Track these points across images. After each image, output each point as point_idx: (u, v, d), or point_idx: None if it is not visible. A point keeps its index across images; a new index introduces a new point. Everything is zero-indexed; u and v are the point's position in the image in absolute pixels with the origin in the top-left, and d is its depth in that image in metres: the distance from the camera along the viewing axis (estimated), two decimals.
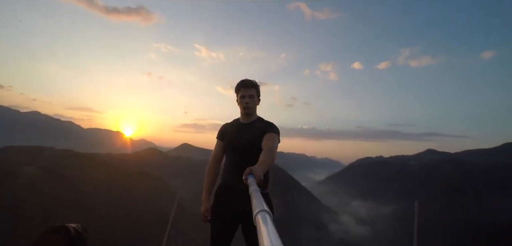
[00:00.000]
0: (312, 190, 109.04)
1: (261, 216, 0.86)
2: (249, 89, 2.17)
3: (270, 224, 0.86)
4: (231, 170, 2.17)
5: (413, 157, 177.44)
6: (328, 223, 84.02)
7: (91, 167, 60.08)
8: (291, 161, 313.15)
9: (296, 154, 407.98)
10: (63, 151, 65.47)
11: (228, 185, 2.17)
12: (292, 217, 77.88)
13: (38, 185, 45.49)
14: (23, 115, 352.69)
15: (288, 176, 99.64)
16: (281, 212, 78.85)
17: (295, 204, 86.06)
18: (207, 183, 2.31)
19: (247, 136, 2.13)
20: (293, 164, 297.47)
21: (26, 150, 61.66)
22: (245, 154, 2.06)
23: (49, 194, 45.06)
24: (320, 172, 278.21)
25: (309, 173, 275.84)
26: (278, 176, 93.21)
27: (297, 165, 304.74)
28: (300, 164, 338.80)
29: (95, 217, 45.51)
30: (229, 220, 2.12)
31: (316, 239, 71.80)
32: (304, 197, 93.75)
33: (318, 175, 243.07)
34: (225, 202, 2.15)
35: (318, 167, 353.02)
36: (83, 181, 52.90)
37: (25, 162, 51.04)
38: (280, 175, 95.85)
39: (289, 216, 77.75)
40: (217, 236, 2.15)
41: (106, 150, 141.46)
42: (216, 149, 2.33)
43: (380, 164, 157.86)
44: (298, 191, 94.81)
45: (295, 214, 79.90)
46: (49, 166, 52.84)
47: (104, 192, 52.77)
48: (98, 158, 70.09)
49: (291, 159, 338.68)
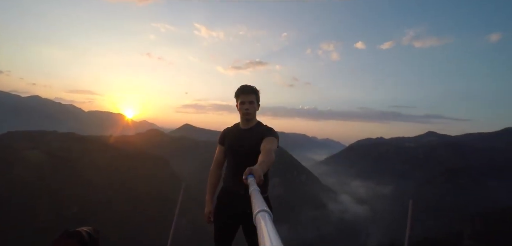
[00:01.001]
0: (312, 170, 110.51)
1: (261, 216, 0.87)
2: (249, 96, 2.21)
3: (270, 224, 0.87)
4: (231, 175, 2.26)
5: (413, 139, 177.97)
6: (328, 202, 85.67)
7: (94, 150, 60.84)
8: (291, 141, 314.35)
9: (296, 134, 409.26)
10: (66, 134, 66.25)
11: (229, 189, 2.26)
12: (292, 196, 79.37)
13: (43, 168, 46.48)
14: (23, 100, 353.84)
15: (288, 155, 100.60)
16: (281, 191, 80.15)
17: (295, 184, 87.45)
18: (210, 186, 2.42)
19: (247, 141, 2.20)
20: (294, 144, 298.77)
21: (29, 134, 62.44)
22: (245, 159, 2.10)
23: (54, 177, 46.09)
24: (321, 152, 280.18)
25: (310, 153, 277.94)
26: (279, 156, 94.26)
27: (297, 145, 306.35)
28: (301, 144, 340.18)
29: (99, 198, 46.68)
30: (230, 222, 2.26)
31: (315, 217, 73.50)
32: (304, 177, 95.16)
33: (319, 155, 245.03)
34: (226, 205, 2.26)
35: (319, 147, 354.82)
36: (87, 164, 53.81)
37: (28, 146, 51.77)
38: (281, 155, 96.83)
39: (289, 195, 79.18)
40: (219, 237, 2.31)
41: (108, 132, 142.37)
42: (218, 153, 2.42)
43: (380, 145, 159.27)
44: (299, 171, 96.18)
45: (295, 194, 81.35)
46: (52, 149, 53.73)
47: (108, 173, 53.75)
48: (100, 141, 70.87)
49: (292, 139, 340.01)
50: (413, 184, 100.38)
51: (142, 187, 53.75)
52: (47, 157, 49.19)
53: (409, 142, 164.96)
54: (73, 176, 47.97)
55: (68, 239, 1.83)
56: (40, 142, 57.37)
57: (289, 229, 65.50)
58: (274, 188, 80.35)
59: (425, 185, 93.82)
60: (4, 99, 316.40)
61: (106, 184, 50.57)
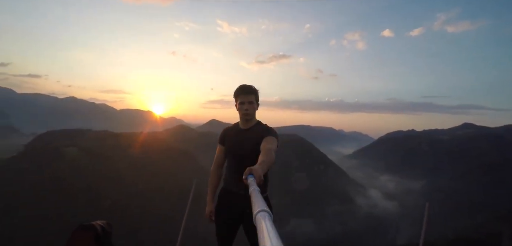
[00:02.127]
0: (339, 164, 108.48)
1: (261, 216, 0.88)
2: (248, 96, 2.21)
3: (269, 224, 0.88)
4: (231, 174, 2.29)
5: (447, 131, 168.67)
6: (355, 197, 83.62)
7: (126, 146, 63.79)
8: (318, 135, 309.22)
9: (323, 127, 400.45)
10: (100, 132, 70.26)
11: (229, 189, 2.29)
12: (318, 191, 78.45)
13: (81, 163, 49.56)
14: (60, 101, 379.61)
15: (315, 149, 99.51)
16: (308, 185, 79.46)
17: (322, 178, 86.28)
18: (211, 186, 2.45)
19: (246, 141, 2.21)
20: (320, 137, 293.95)
21: (66, 132, 66.89)
22: (244, 159, 2.11)
23: (91, 171, 49.03)
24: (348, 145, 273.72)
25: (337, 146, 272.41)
26: (305, 150, 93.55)
27: (324, 139, 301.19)
28: (328, 137, 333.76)
29: (132, 190, 48.97)
30: (230, 222, 2.29)
31: (342, 212, 72.04)
32: (331, 171, 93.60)
33: (346, 148, 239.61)
34: (226, 205, 2.29)
35: (346, 141, 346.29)
36: (119, 159, 56.54)
37: (66, 143, 55.40)
38: (307, 148, 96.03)
39: (315, 190, 78.36)
40: (220, 236, 2.35)
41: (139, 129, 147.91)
42: (218, 153, 2.45)
43: (411, 138, 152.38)
44: (326, 165, 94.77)
45: (321, 188, 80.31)
46: (89, 146, 57.15)
47: (138, 168, 56.20)
48: (132, 137, 73.93)
49: (318, 133, 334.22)
50: (447, 179, 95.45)
51: (171, 181, 55.53)
52: (83, 153, 52.43)
53: (443, 134, 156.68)
54: (106, 171, 50.71)
55: (83, 232, 2.06)
56: (77, 139, 61.20)
57: (315, 224, 64.82)
58: (300, 182, 79.81)
59: (459, 180, 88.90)
60: (44, 101, 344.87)
61: (137, 178, 52.91)
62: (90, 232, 2.08)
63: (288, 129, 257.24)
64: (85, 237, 2.05)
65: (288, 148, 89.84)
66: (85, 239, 2.05)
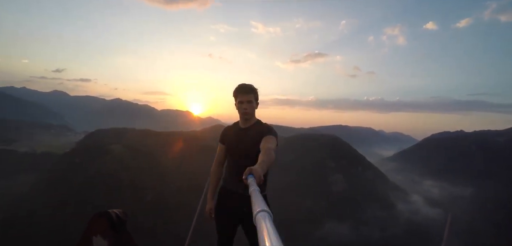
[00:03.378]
0: (379, 166, 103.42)
1: (261, 216, 0.88)
2: (247, 95, 2.24)
3: (270, 224, 0.88)
4: (230, 173, 2.33)
5: (503, 132, 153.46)
6: (396, 202, 79.19)
7: (166, 144, 66.90)
8: (356, 135, 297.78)
9: (361, 127, 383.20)
10: (142, 131, 74.53)
11: (228, 188, 2.32)
12: (356, 194, 75.65)
13: (125, 159, 53.00)
14: (107, 102, 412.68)
15: (352, 150, 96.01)
16: (345, 188, 76.97)
17: (360, 180, 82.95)
18: (211, 184, 2.53)
19: (246, 140, 2.24)
20: (359, 138, 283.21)
21: (113, 131, 71.89)
22: (244, 158, 2.16)
23: (134, 166, 52.24)
24: (389, 147, 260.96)
25: (376, 148, 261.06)
26: (342, 151, 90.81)
27: (363, 140, 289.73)
28: (367, 138, 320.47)
29: (170, 187, 51.26)
30: (229, 221, 2.33)
31: (381, 218, 68.62)
32: (370, 173, 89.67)
33: (387, 150, 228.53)
34: (226, 204, 2.33)
35: (387, 142, 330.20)
36: (162, 156, 59.49)
37: (113, 141, 59.58)
38: (344, 149, 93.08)
39: (353, 193, 75.69)
40: (220, 234, 2.41)
41: (178, 128, 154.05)
42: (219, 151, 2.51)
43: (460, 139, 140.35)
44: (364, 167, 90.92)
45: (359, 191, 77.33)
46: (132, 143, 60.92)
47: (178, 165, 58.70)
48: (172, 136, 77.32)
49: (357, 133, 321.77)
50: (500, 185, 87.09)
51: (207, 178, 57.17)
52: (127, 150, 56.09)
53: (497, 135, 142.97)
54: (148, 167, 53.63)
55: (99, 218, 2.33)
56: (122, 137, 65.58)
57: (351, 229, 62.42)
58: (337, 184, 77.65)
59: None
60: (93, 103, 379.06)
61: (176, 174, 55.29)
62: (106, 218, 2.32)
63: (324, 129, 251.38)
64: (101, 223, 2.30)
65: (323, 148, 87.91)
66: (101, 225, 2.29)
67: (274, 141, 2.10)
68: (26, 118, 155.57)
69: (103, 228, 2.28)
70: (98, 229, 2.29)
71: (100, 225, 2.30)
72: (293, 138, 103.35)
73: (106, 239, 2.27)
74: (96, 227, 2.30)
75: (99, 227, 2.29)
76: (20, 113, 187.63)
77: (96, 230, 2.29)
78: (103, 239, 2.27)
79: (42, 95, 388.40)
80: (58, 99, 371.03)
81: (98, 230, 2.29)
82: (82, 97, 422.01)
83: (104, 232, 2.27)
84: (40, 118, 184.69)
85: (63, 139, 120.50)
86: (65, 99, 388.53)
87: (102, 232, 2.27)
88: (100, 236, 2.27)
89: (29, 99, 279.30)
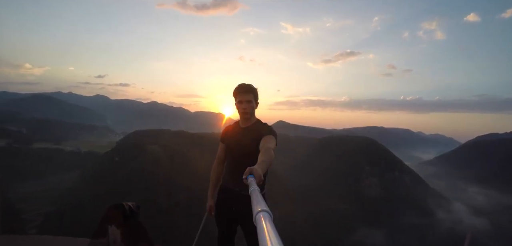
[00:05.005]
0: (417, 171, 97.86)
1: (262, 216, 0.88)
2: (246, 95, 2.24)
3: (270, 224, 0.88)
4: (230, 172, 2.35)
5: None
6: (436, 209, 73.99)
7: (199, 145, 68.76)
8: (393, 137, 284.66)
9: (398, 128, 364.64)
10: (177, 132, 77.56)
11: (228, 187, 2.33)
12: (392, 199, 72.23)
13: (161, 159, 55.51)
14: (144, 105, 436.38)
15: (389, 153, 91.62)
16: (380, 192, 73.96)
17: (397, 185, 78.99)
18: (212, 182, 2.57)
19: (245, 139, 2.24)
20: (396, 140, 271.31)
21: (150, 132, 75.51)
22: (243, 157, 2.16)
23: (169, 165, 54.52)
24: (428, 150, 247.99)
25: (415, 151, 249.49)
26: (378, 153, 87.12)
27: (400, 142, 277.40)
28: (404, 140, 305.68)
29: (202, 187, 52.43)
30: (229, 219, 2.35)
31: (419, 226, 64.38)
32: (408, 178, 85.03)
33: (426, 153, 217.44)
34: (225, 203, 2.34)
35: (426, 145, 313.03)
36: (194, 157, 61.25)
37: (149, 142, 62.65)
38: (380, 152, 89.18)
39: (389, 198, 72.39)
40: (220, 233, 2.45)
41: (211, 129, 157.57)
42: (219, 151, 2.55)
43: (509, 142, 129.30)
44: (401, 171, 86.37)
45: (396, 196, 73.71)
46: (168, 144, 63.70)
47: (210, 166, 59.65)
48: (204, 137, 79.26)
49: (393, 135, 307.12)
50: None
51: None
52: (163, 150, 58.65)
53: None
54: (183, 167, 55.58)
55: (113, 210, 2.55)
56: (158, 139, 68.53)
57: (387, 236, 59.26)
58: (371, 188, 74.81)
59: None
60: (131, 106, 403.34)
61: (208, 174, 56.49)
62: (119, 210, 2.54)
63: (358, 131, 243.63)
64: (115, 214, 2.52)
65: (358, 151, 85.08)
66: (115, 216, 2.51)
67: (274, 141, 2.11)
68: (72, 121, 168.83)
69: (118, 218, 2.52)
70: (113, 219, 2.53)
71: (115, 216, 2.53)
72: (325, 139, 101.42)
73: (120, 228, 2.52)
74: (111, 217, 2.54)
75: (114, 217, 2.53)
76: (67, 116, 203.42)
77: (112, 220, 2.53)
78: (117, 228, 2.52)
79: (86, 99, 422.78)
80: (100, 103, 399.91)
81: (113, 220, 2.53)
82: (122, 101, 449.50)
83: (118, 222, 2.52)
84: (84, 121, 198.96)
85: (104, 139, 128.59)
86: (106, 103, 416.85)
87: (117, 222, 2.52)
88: (114, 225, 2.52)
89: (74, 103, 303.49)
